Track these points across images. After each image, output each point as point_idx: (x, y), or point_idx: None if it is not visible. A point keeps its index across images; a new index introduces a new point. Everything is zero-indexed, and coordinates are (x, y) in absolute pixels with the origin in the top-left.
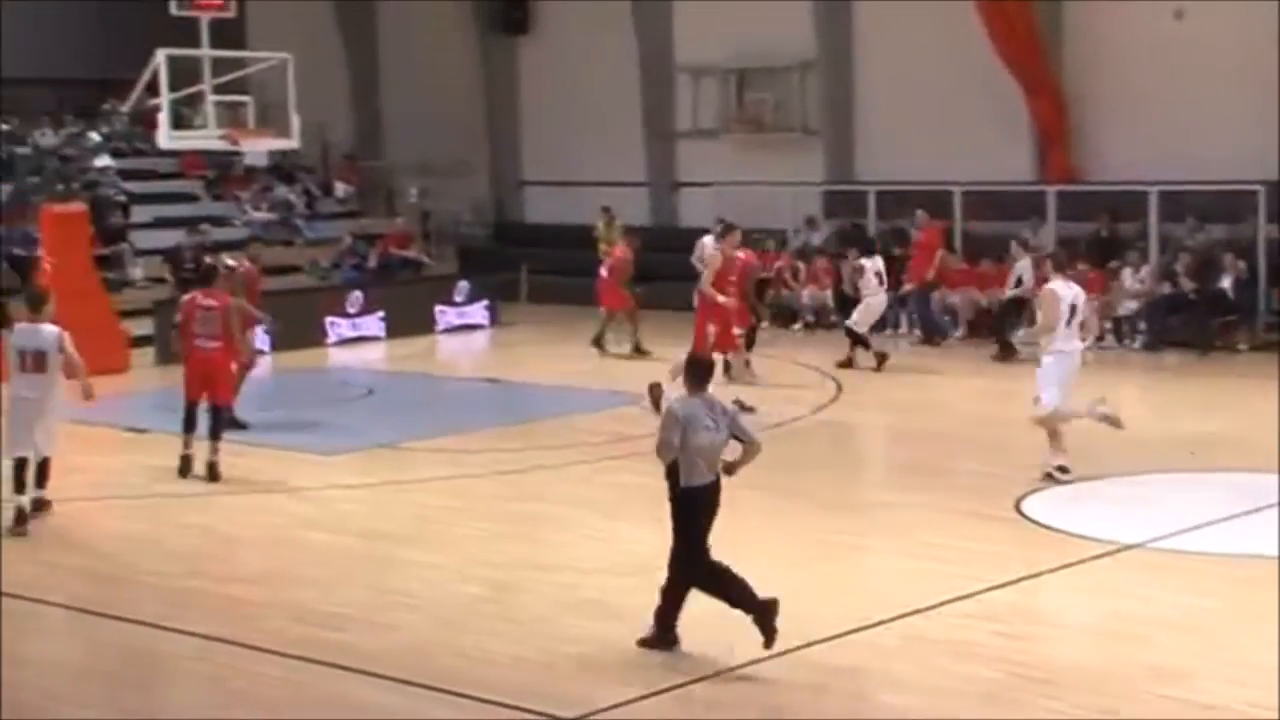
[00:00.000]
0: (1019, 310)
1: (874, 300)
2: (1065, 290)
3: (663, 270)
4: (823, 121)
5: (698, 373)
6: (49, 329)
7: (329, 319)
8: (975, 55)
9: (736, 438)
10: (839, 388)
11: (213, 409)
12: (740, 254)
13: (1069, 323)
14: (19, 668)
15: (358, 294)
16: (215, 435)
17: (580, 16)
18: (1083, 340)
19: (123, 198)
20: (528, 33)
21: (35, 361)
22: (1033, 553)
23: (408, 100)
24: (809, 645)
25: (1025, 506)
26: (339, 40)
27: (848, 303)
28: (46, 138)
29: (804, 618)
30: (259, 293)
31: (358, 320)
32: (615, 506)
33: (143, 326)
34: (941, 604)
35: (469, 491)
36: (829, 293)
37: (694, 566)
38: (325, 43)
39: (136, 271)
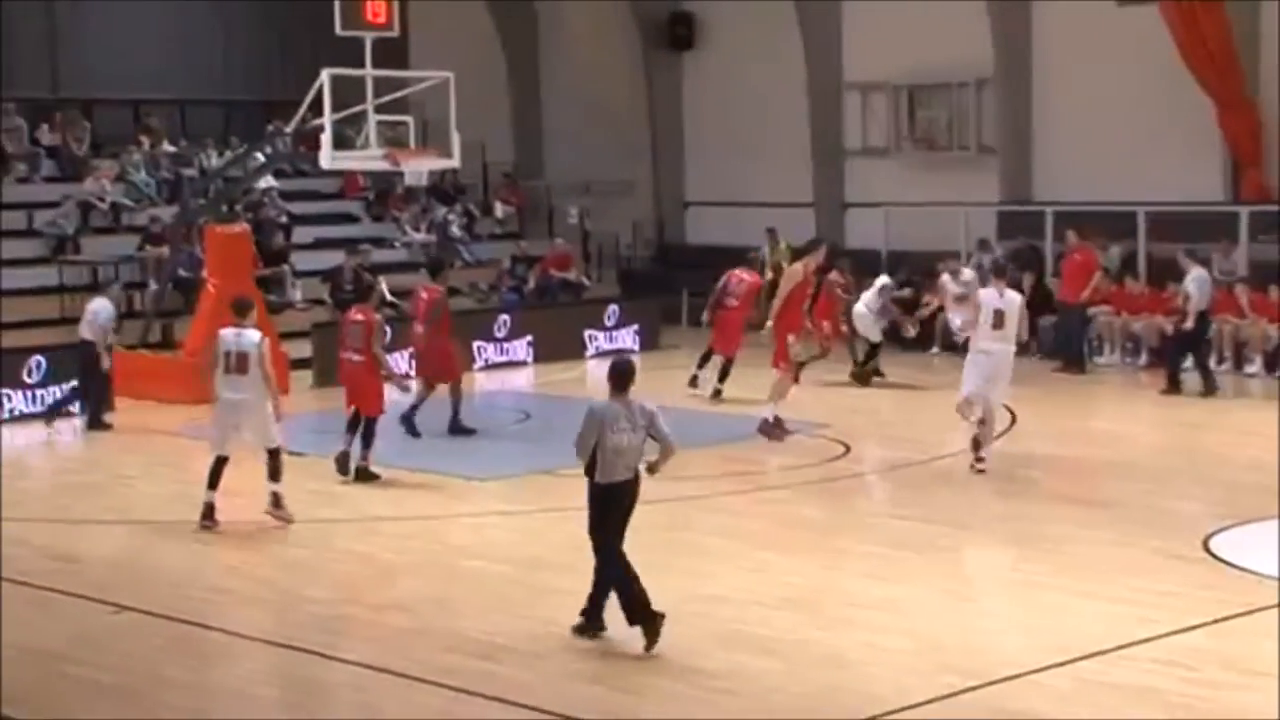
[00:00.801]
0: (1197, 338)
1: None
2: (990, 297)
3: None
4: (998, 139)
5: (618, 377)
6: (252, 333)
7: (476, 343)
8: (1162, 67)
9: (654, 438)
10: (1013, 417)
11: (364, 419)
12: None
13: (995, 326)
14: (178, 690)
15: (505, 317)
16: (366, 443)
17: (746, 32)
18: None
19: (284, 219)
20: (693, 48)
21: (239, 363)
22: (1221, 595)
23: (569, 118)
24: (982, 686)
25: (1214, 545)
26: (501, 58)
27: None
28: (212, 159)
29: (977, 657)
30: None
31: (505, 344)
32: (772, 538)
33: (301, 349)
34: (1122, 647)
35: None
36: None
37: (608, 563)
38: (487, 60)
39: (296, 293)
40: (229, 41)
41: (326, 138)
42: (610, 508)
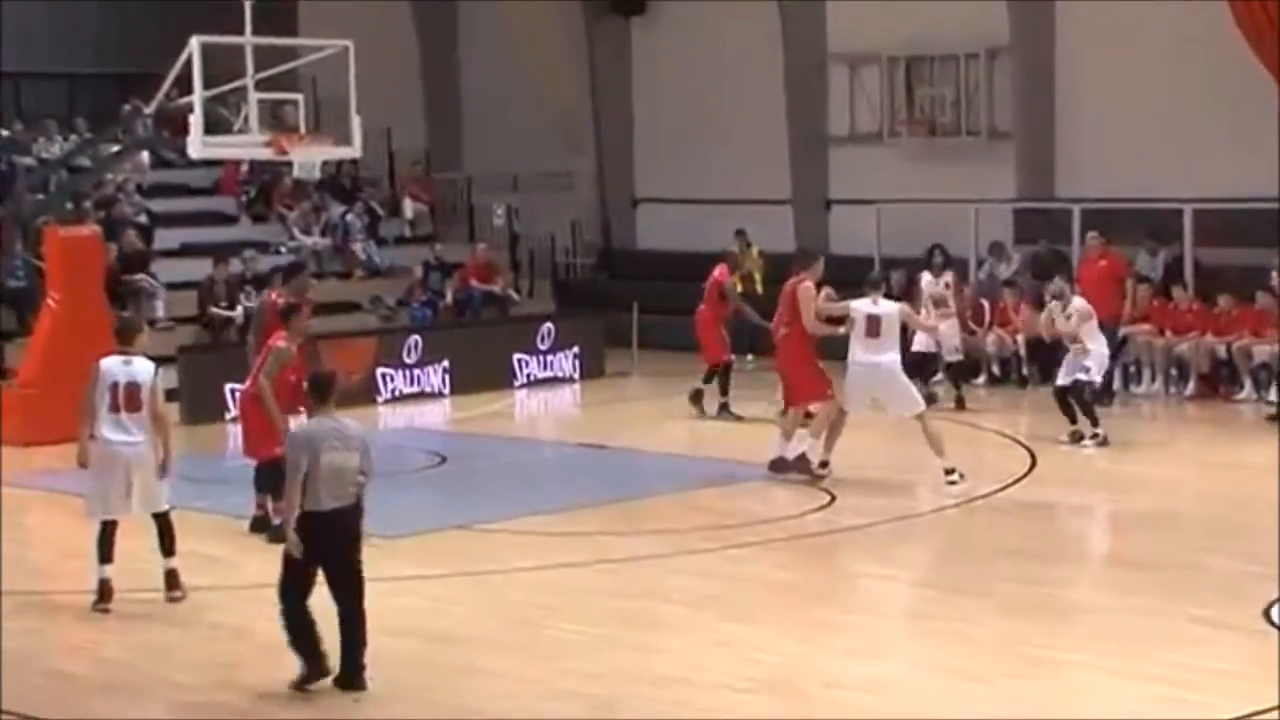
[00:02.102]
0: None
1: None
2: (864, 305)
3: None
4: (1015, 122)
5: (319, 390)
6: (145, 362)
7: (381, 370)
8: (1213, 38)
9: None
10: (1033, 459)
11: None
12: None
13: (871, 334)
14: None
15: (415, 339)
16: (259, 490)
17: None
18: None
19: (144, 219)
20: (643, 13)
21: (129, 399)
22: None
23: (493, 98)
24: None
25: (1277, 615)
26: (411, 24)
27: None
28: (53, 146)
29: None
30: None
31: (416, 372)
32: (741, 605)
33: (167, 378)
34: None
35: (563, 585)
36: (1020, 338)
37: (286, 592)
38: (394, 27)
39: (159, 309)
40: (74, 4)
41: (196, 119)
42: (322, 538)
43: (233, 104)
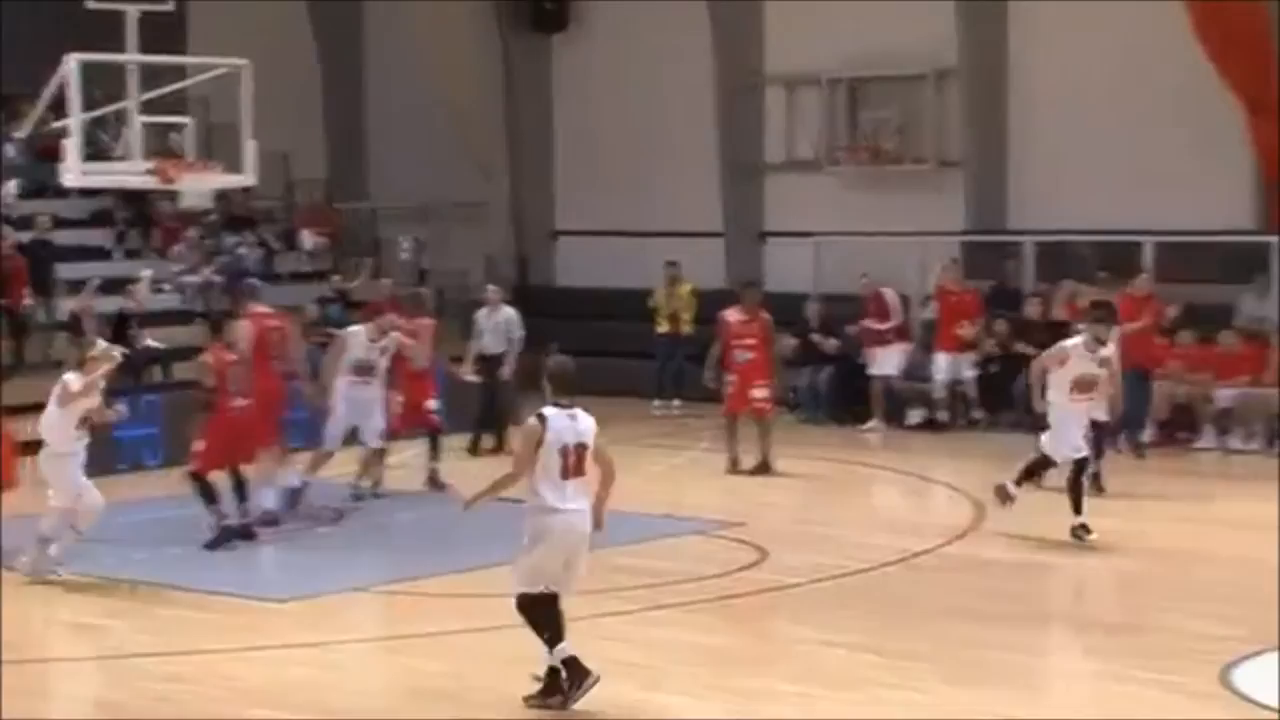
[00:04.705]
0: None
1: None
2: None
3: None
4: (964, 150)
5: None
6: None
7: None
8: (1175, 61)
9: None
10: (977, 512)
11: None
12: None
13: None
14: None
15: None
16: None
17: (636, 8)
18: None
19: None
20: (565, 30)
21: None
22: None
23: (401, 122)
24: None
25: (1235, 678)
26: (312, 42)
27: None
28: None
29: None
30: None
31: (295, 417)
32: (667, 674)
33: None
34: None
35: (471, 651)
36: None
37: None
38: (293, 46)
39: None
40: None
41: (73, 145)
42: None
43: (114, 128)
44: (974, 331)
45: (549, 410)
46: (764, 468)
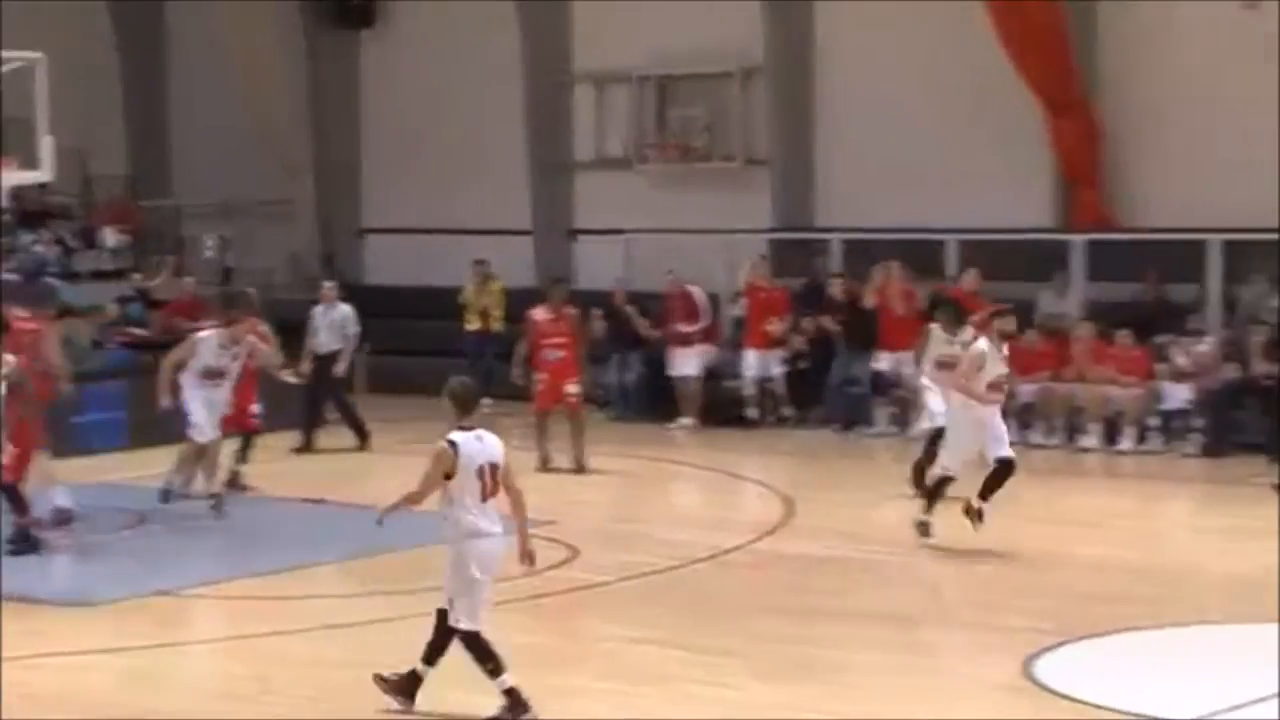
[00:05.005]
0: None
1: None
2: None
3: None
4: (771, 148)
5: None
6: None
7: (76, 419)
8: (979, 61)
9: None
10: (787, 508)
11: None
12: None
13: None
14: None
15: (91, 386)
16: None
17: (445, 4)
18: None
19: None
20: (372, 26)
21: None
22: None
23: (205, 118)
24: None
25: (1037, 669)
26: (111, 35)
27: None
28: None
29: None
30: None
31: (89, 420)
32: (471, 673)
33: None
34: None
35: (278, 654)
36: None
37: None
38: (92, 39)
39: None
40: None
41: None
42: None
43: None
44: (782, 328)
45: (457, 435)
46: (579, 467)
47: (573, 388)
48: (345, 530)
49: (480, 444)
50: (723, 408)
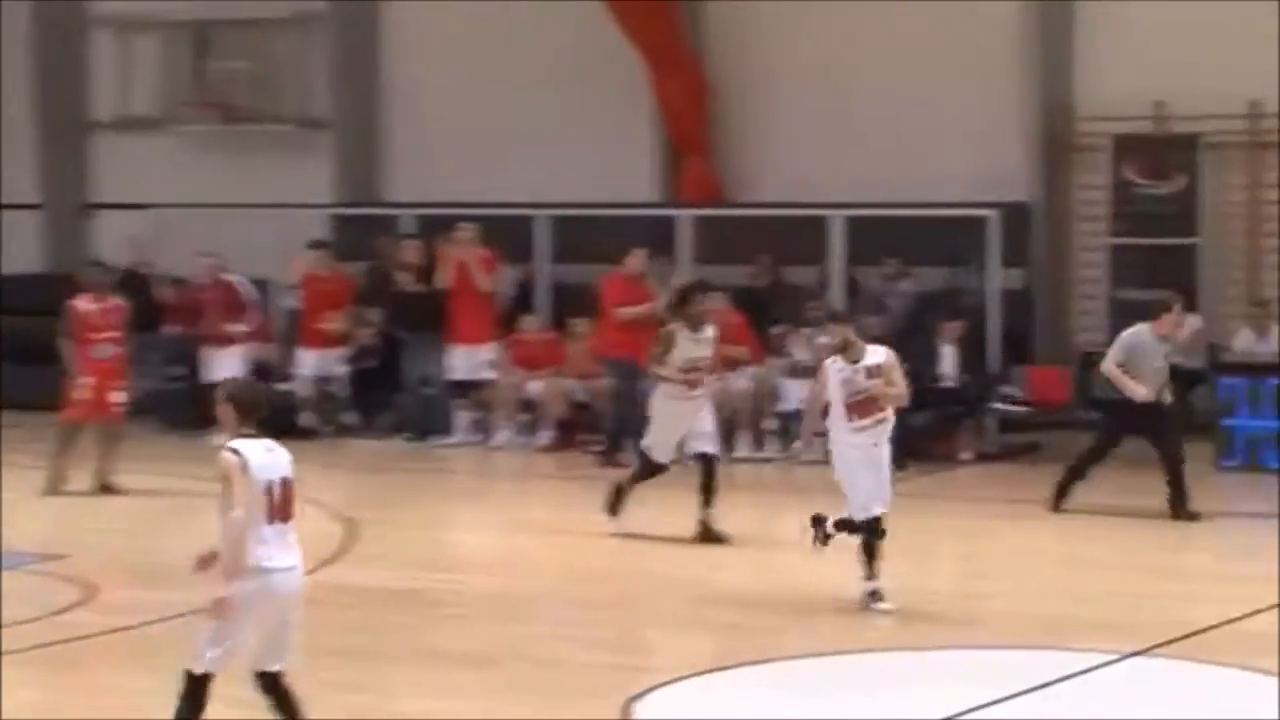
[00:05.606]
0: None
1: None
2: None
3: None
4: (333, 108)
5: None
6: None
7: None
8: (574, 11)
9: None
10: (350, 531)
11: None
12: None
13: None
14: None
15: None
16: None
17: None
18: None
19: None
20: None
21: None
22: None
23: None
24: None
25: (639, 709)
26: None
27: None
28: None
29: None
30: None
31: None
32: None
33: None
34: None
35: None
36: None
37: None
38: None
39: None
40: None
41: None
42: None
43: None
44: (344, 323)
45: (242, 443)
46: (105, 486)
47: (119, 395)
48: None
49: (271, 455)
50: (274, 414)
